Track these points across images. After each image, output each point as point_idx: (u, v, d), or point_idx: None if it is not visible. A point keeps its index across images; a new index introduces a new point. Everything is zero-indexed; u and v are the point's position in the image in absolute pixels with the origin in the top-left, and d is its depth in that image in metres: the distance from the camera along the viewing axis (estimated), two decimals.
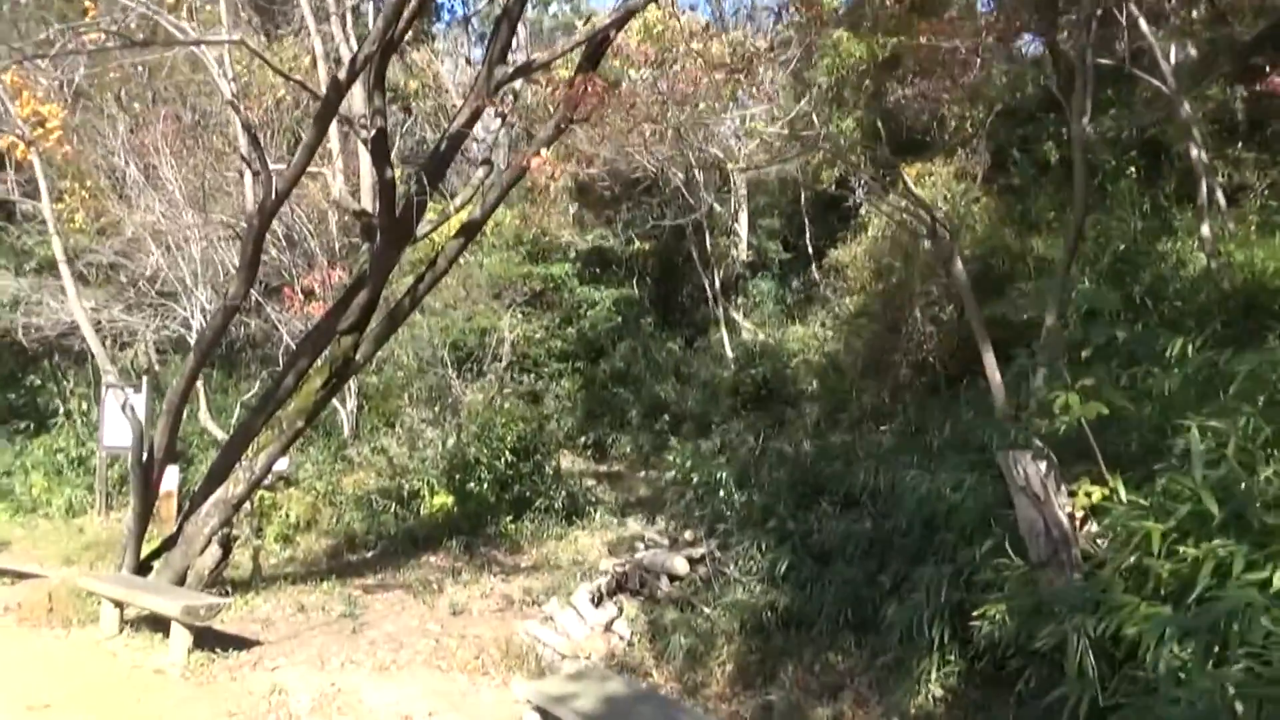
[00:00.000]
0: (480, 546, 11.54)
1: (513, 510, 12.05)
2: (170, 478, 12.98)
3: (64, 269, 9.62)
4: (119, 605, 7.91)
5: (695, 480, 9.18)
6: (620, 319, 18.89)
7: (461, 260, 19.32)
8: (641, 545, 8.62)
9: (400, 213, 8.87)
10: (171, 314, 14.88)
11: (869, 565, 6.25)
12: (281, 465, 13.48)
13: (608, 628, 6.92)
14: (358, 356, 9.21)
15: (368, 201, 9.38)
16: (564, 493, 12.19)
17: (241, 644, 7.65)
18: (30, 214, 15.55)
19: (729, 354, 18.24)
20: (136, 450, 8.83)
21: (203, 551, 9.03)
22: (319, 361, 9.36)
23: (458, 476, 12.29)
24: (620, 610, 7.17)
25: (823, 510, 7.11)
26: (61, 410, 14.89)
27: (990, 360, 8.30)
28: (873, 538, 6.48)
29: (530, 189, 22.78)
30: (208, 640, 7.34)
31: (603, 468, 16.23)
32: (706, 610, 6.72)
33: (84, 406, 15.25)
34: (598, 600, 7.32)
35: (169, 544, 9.47)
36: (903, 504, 6.30)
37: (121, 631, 7.93)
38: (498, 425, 12.45)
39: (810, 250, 20.50)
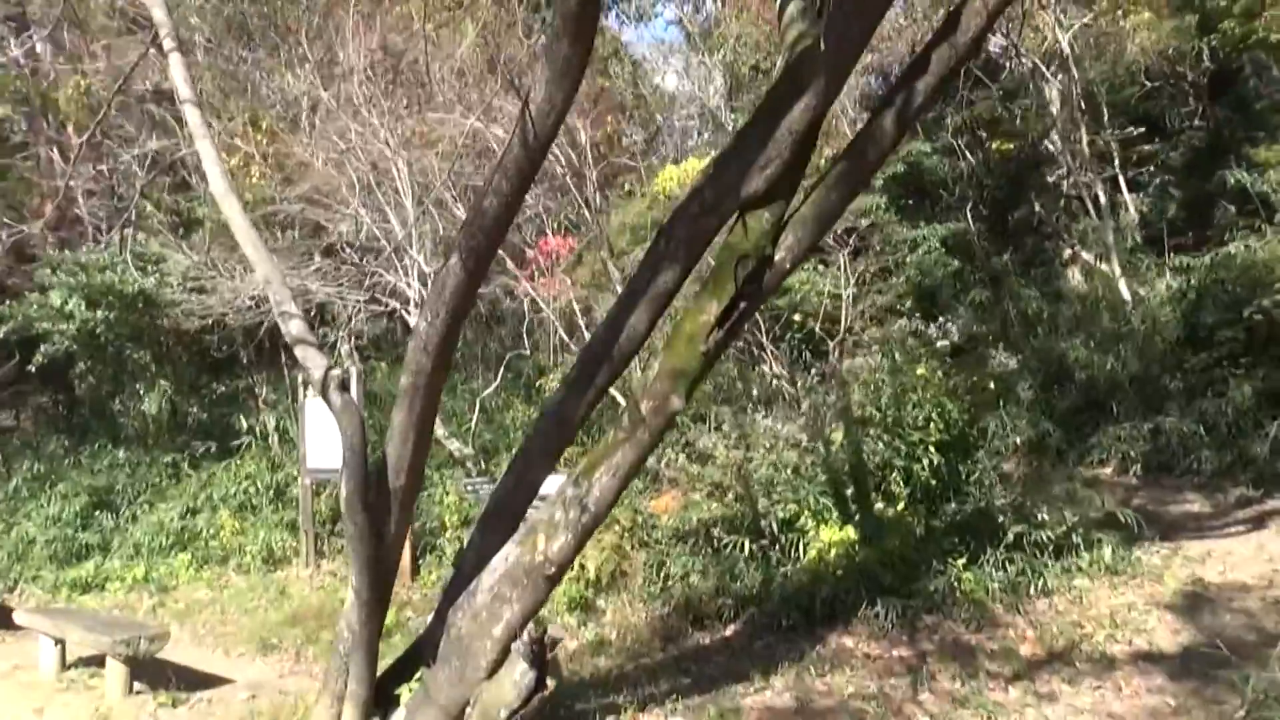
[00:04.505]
0: (921, 614, 6.50)
1: (960, 546, 6.91)
2: None
3: (236, 220, 5.11)
4: None
5: None
6: (955, 261, 13.57)
7: None
8: None
9: None
10: (379, 284, 10.83)
11: None
12: (550, 483, 8.96)
13: None
14: (779, 253, 4.34)
15: None
16: (1055, 514, 6.89)
17: None
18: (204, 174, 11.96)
19: (1125, 295, 12.55)
20: (357, 479, 4.22)
21: (492, 671, 4.44)
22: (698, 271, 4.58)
23: (849, 491, 7.32)
24: None
25: None
26: (249, 425, 11.00)
27: None
28: None
29: None
30: None
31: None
32: None
33: (277, 422, 11.40)
34: None
35: (421, 650, 4.92)
36: None
37: None
38: (908, 404, 7.34)
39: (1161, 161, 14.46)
